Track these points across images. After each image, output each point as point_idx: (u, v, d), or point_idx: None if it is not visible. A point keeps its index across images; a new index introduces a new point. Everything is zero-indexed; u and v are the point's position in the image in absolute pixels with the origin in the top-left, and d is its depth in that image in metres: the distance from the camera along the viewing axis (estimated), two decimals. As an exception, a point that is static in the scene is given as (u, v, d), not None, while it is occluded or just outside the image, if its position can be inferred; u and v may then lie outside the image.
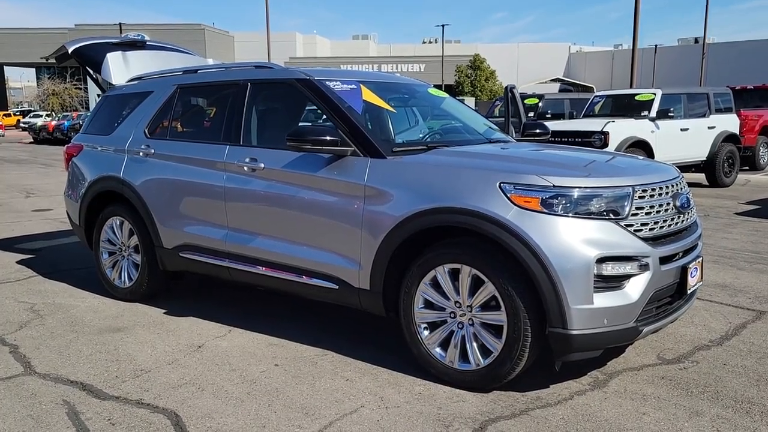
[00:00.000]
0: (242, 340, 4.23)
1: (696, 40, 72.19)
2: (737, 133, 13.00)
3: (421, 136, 4.43)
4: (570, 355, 3.19)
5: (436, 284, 3.47)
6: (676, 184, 3.56)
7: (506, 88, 5.73)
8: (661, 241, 3.31)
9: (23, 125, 46.06)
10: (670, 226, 3.39)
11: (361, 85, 4.30)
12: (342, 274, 3.79)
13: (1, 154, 25.51)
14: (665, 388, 3.44)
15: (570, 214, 3.13)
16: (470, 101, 38.65)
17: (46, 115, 47.01)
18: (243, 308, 4.93)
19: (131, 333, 4.41)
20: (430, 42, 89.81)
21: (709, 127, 12.34)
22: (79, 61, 5.70)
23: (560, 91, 48.92)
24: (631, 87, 19.57)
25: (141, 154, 4.92)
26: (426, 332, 3.53)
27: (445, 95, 5.13)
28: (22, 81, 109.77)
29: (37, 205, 10.74)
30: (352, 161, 3.77)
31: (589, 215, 3.15)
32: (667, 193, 3.43)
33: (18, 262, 6.57)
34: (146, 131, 4.98)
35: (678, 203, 3.45)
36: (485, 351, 3.34)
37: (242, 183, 4.23)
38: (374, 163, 3.70)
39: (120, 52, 5.65)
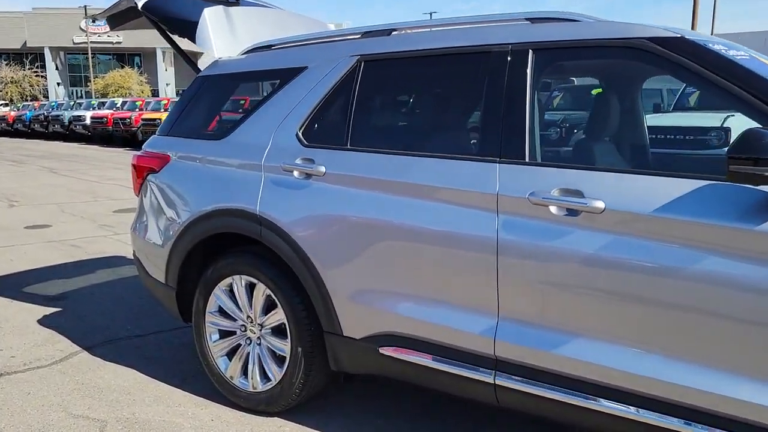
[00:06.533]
0: None
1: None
2: None
3: None
4: None
5: None
6: None
7: None
8: None
9: (-24, 116, 42.52)
10: None
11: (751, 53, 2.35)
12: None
13: (-40, 149, 22.75)
14: None
15: None
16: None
17: (3, 105, 43.55)
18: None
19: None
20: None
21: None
22: (153, 21, 3.61)
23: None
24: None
25: (295, 173, 2.87)
26: None
27: None
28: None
29: (28, 219, 8.48)
30: None
31: None
32: None
33: (41, 323, 4.44)
34: (300, 134, 2.93)
35: None
36: None
37: (545, 236, 2.25)
38: None
39: (221, 7, 3.57)
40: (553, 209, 2.24)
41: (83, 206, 9.50)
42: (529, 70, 2.41)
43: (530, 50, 2.42)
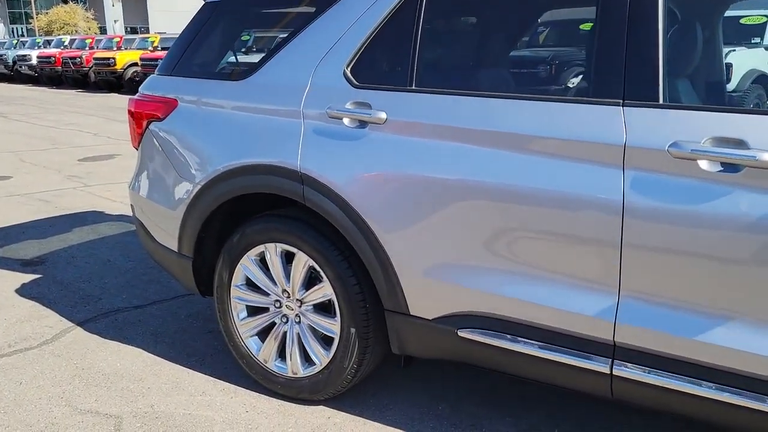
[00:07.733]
0: None
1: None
2: None
3: None
4: None
5: None
6: None
7: None
8: None
9: None
10: None
11: None
12: None
13: None
14: None
15: None
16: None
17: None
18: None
19: None
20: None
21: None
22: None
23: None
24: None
25: (346, 121, 2.36)
26: None
27: None
28: None
29: (-15, 170, 7.73)
30: None
31: None
32: None
33: (20, 293, 3.89)
34: (348, 72, 2.40)
35: None
36: None
37: (691, 198, 1.81)
38: None
39: None
40: (703, 164, 1.79)
41: (44, 155, 8.73)
42: (664, -9, 1.91)
43: (662, -39, 1.92)
